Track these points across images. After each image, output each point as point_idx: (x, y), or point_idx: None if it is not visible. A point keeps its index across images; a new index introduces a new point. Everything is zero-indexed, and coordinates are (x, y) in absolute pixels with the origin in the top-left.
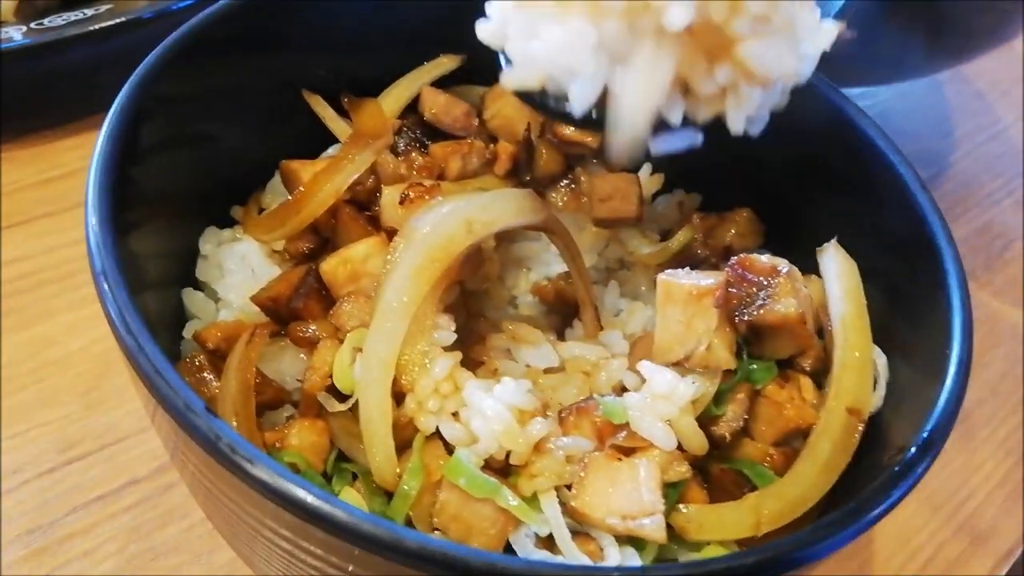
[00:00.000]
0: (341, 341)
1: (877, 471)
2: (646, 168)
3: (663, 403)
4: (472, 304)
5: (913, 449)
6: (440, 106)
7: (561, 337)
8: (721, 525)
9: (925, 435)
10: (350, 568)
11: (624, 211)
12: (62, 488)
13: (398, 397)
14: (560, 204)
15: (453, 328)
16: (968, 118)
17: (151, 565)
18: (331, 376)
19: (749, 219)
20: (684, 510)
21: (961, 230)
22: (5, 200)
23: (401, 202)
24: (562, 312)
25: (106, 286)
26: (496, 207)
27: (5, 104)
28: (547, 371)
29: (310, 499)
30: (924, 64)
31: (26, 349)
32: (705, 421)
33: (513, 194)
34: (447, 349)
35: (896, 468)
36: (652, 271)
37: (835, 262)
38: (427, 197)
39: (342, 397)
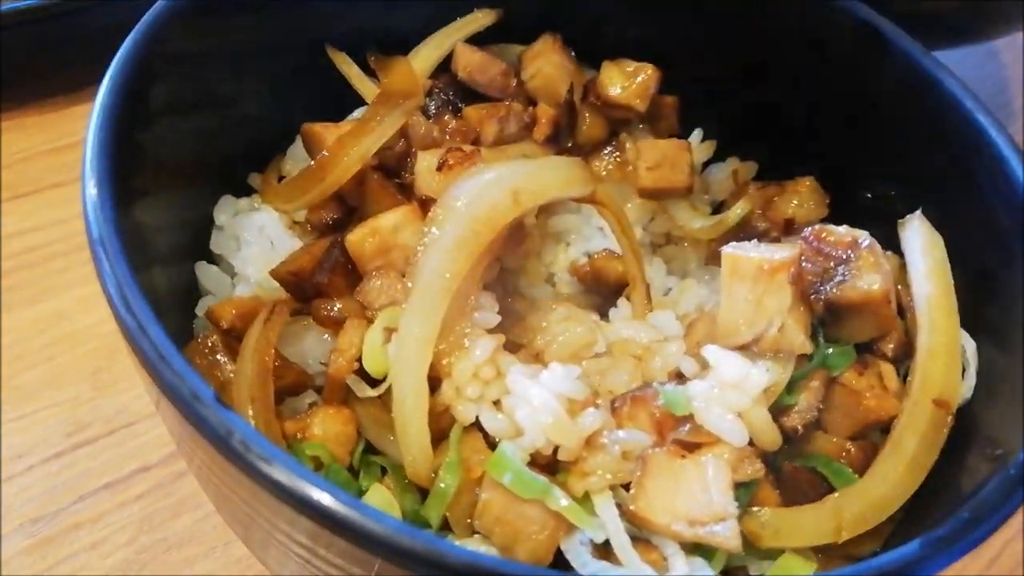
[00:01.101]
0: (369, 320)
1: (974, 471)
2: (697, 134)
3: (733, 393)
4: (507, 281)
5: None
6: (475, 65)
7: (604, 318)
8: (799, 530)
9: None
10: None
11: (673, 181)
12: (69, 475)
13: (433, 384)
14: (603, 173)
15: (496, 309)
16: None
17: (163, 558)
18: (359, 359)
19: (812, 188)
20: (757, 514)
21: None
22: (13, 169)
23: (439, 168)
24: (601, 292)
25: (104, 257)
26: (544, 176)
27: (13, 69)
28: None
29: (336, 505)
30: (983, 28)
31: (33, 326)
32: (774, 412)
33: (562, 162)
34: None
35: (1012, 471)
36: (703, 247)
37: (920, 236)
38: (467, 164)
39: (372, 382)
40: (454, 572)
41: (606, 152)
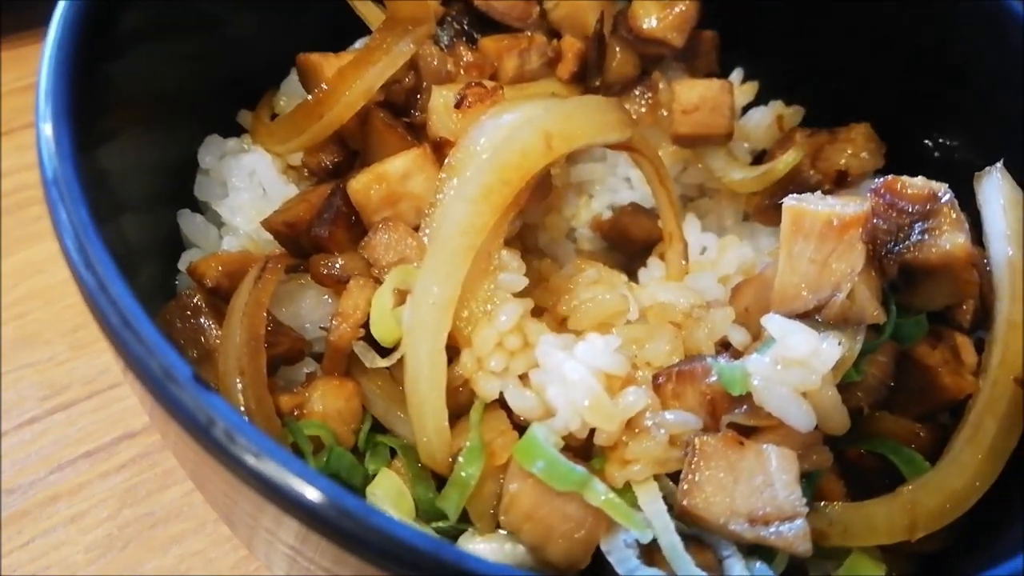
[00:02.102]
0: (376, 280)
1: None
2: (737, 73)
3: (798, 370)
4: (527, 238)
5: None
6: None
7: (631, 279)
8: (870, 528)
9: None
10: None
11: (713, 126)
12: (45, 442)
13: (450, 354)
14: (633, 116)
15: (523, 270)
16: None
17: (148, 534)
18: (365, 325)
19: (868, 136)
20: (824, 510)
21: None
22: None
23: (457, 106)
24: (626, 250)
25: (60, 202)
26: (579, 118)
27: None
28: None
29: (332, 509)
30: None
31: (6, 279)
32: (840, 389)
33: (598, 103)
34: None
35: None
36: (740, 201)
37: (1000, 191)
38: (489, 101)
39: (381, 351)
40: None
41: (636, 92)
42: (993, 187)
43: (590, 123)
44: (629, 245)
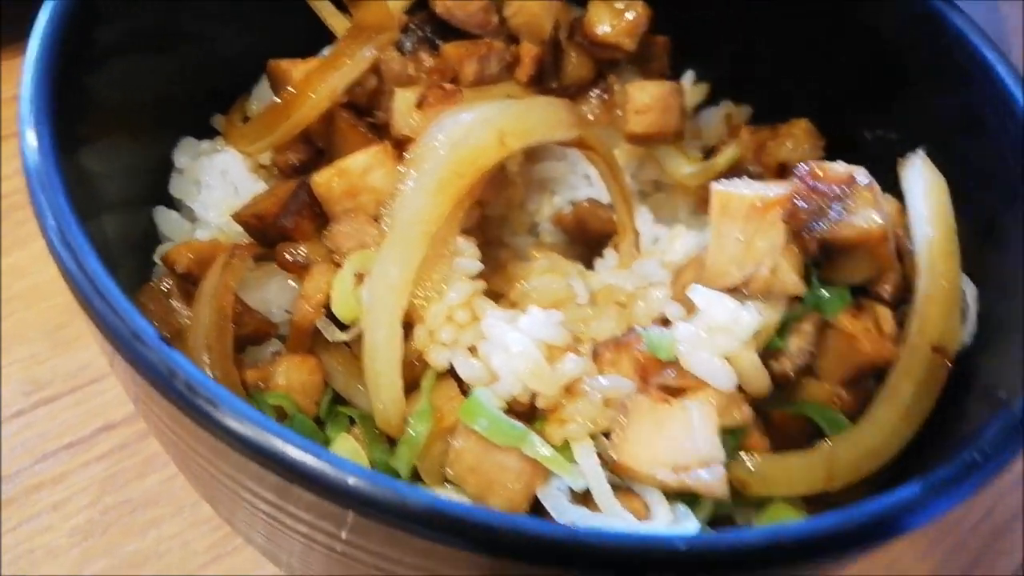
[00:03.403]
0: (337, 265)
1: (973, 418)
2: (689, 75)
3: (721, 335)
4: (490, 230)
5: None
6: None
7: (589, 270)
8: (789, 478)
9: None
10: (343, 535)
11: (663, 125)
12: (29, 434)
13: (407, 332)
14: (590, 117)
15: (478, 256)
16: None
17: (128, 519)
18: (326, 306)
19: (807, 131)
20: (745, 460)
21: None
22: None
23: (419, 105)
24: (586, 242)
25: (41, 193)
26: (531, 117)
27: None
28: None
29: (287, 447)
30: None
31: None
32: (764, 356)
33: (549, 103)
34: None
35: (1014, 414)
36: (692, 195)
37: (922, 176)
38: (449, 102)
39: (342, 328)
40: (416, 518)
41: (593, 94)
42: (915, 173)
43: (541, 121)
44: (588, 238)
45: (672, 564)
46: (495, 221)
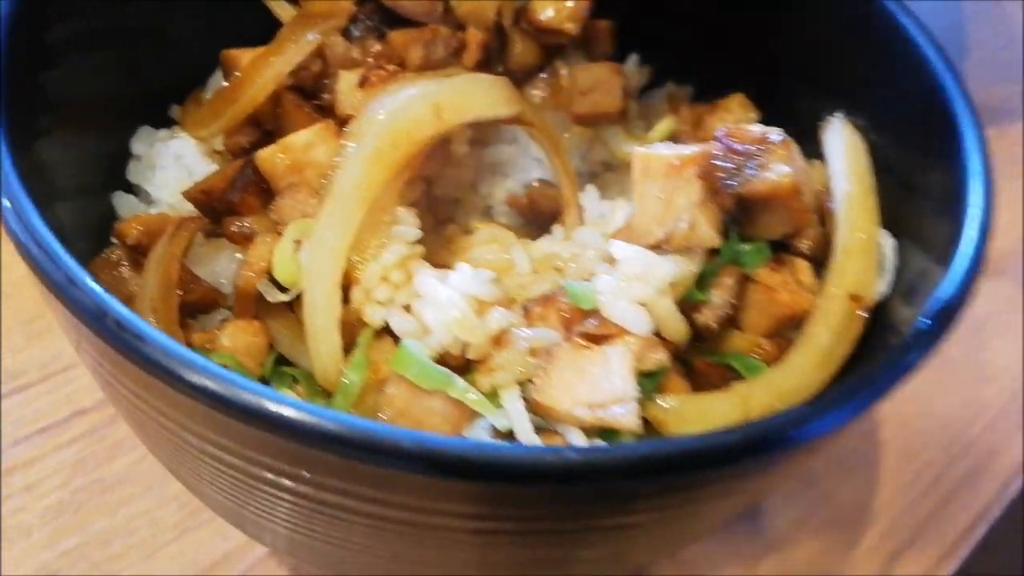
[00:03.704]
0: (281, 236)
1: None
2: (633, 59)
3: (637, 284)
4: (442, 211)
5: (919, 327)
6: None
7: None
8: (703, 417)
9: (936, 311)
10: (285, 467)
11: (606, 105)
12: (4, 422)
13: (347, 296)
14: (538, 101)
15: (417, 225)
16: (983, 25)
17: (98, 498)
18: (268, 273)
19: (742, 104)
20: (663, 400)
21: None
22: None
23: (361, 84)
24: (540, 223)
25: None
26: (468, 93)
27: None
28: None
29: (208, 378)
30: None
31: None
32: (688, 309)
33: (487, 80)
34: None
35: (902, 343)
36: None
37: (839, 137)
38: (390, 81)
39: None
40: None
41: (541, 79)
42: (834, 134)
43: (478, 97)
44: (541, 218)
45: (564, 472)
46: (448, 202)
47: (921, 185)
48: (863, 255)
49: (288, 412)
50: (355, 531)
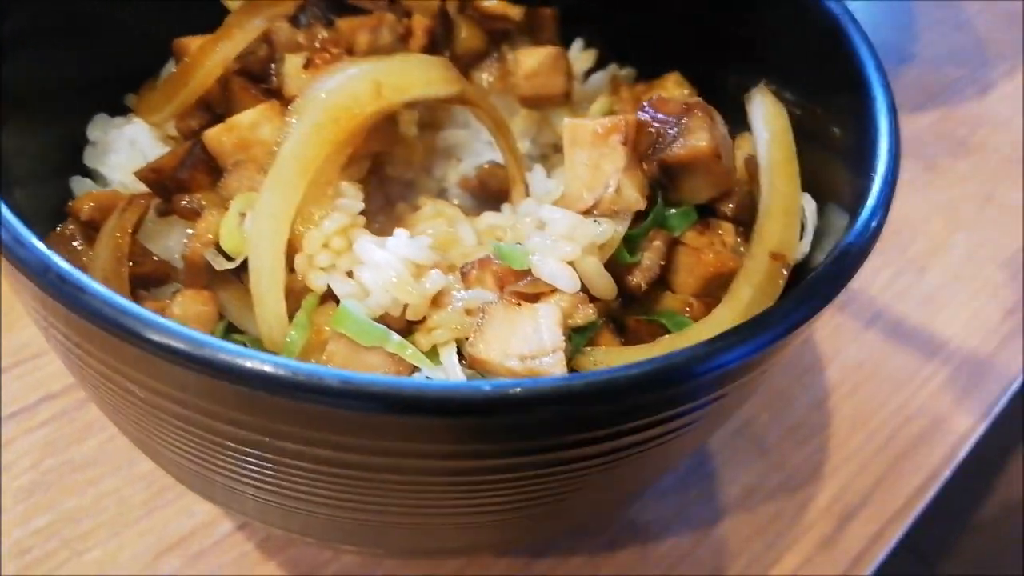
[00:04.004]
0: (228, 210)
1: None
2: (578, 43)
3: (564, 244)
4: (395, 193)
5: (823, 268)
6: None
7: None
8: None
9: (837, 253)
10: (232, 415)
11: (550, 87)
12: None
13: (293, 264)
14: (486, 85)
15: (361, 198)
16: (930, 9)
17: (68, 477)
18: (217, 245)
19: (677, 82)
20: (591, 352)
21: (924, 118)
22: None
23: (306, 66)
24: (491, 203)
25: None
26: (407, 71)
27: None
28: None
29: (146, 324)
30: None
31: None
32: (620, 270)
33: (426, 60)
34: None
35: (805, 286)
36: None
37: (762, 106)
38: (334, 64)
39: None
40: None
41: (487, 64)
42: (757, 104)
43: (419, 76)
44: (491, 198)
45: (478, 404)
46: (401, 184)
47: (839, 149)
48: (784, 216)
49: (224, 354)
50: (315, 482)
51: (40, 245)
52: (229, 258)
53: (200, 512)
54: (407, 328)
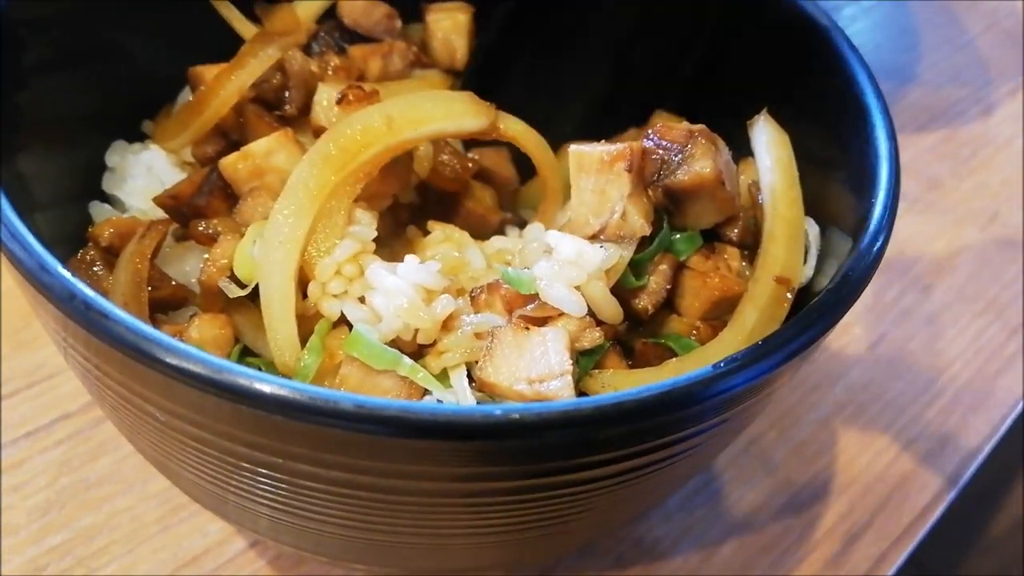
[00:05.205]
0: (243, 236)
1: None
2: None
3: (571, 269)
4: (404, 217)
5: (826, 293)
6: (359, 11)
7: None
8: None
9: (839, 278)
10: (242, 435)
11: None
12: None
13: (306, 290)
14: None
15: (374, 226)
16: (933, 30)
17: (82, 496)
18: (231, 269)
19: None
20: (600, 376)
21: (927, 139)
22: None
23: (339, 102)
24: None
25: None
26: (424, 105)
27: None
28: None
29: (166, 350)
30: None
31: None
32: (626, 294)
33: (446, 94)
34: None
35: (809, 311)
36: None
37: (765, 133)
38: (366, 101)
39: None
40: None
41: None
42: (759, 130)
43: (437, 109)
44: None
45: (489, 428)
46: (410, 208)
47: (841, 173)
48: (788, 241)
49: (242, 378)
50: (327, 502)
51: (65, 272)
52: (243, 285)
53: (214, 530)
54: (418, 352)
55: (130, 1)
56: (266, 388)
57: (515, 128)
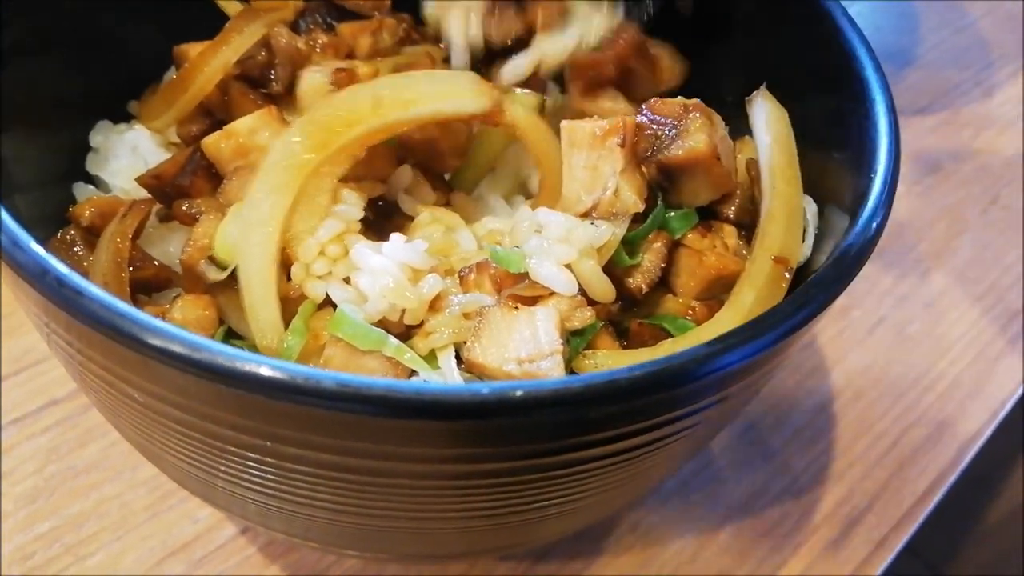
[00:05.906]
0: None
1: None
2: None
3: (560, 247)
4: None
5: (824, 269)
6: None
7: None
8: None
9: (837, 254)
10: (231, 418)
11: None
12: None
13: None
14: None
15: (361, 206)
16: (933, 12)
17: (71, 483)
18: (212, 250)
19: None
20: (592, 356)
21: (928, 121)
22: None
23: (333, 83)
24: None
25: None
26: (417, 85)
27: None
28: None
29: (147, 327)
30: None
31: None
32: (619, 273)
33: (444, 73)
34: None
35: (806, 288)
36: None
37: (763, 110)
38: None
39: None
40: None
41: None
42: (758, 107)
43: (431, 89)
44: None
45: (475, 407)
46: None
47: (839, 151)
48: (786, 220)
49: (222, 357)
50: (315, 486)
51: (38, 249)
52: (224, 266)
53: (203, 517)
54: (405, 332)
55: None
56: (246, 366)
57: (520, 116)
